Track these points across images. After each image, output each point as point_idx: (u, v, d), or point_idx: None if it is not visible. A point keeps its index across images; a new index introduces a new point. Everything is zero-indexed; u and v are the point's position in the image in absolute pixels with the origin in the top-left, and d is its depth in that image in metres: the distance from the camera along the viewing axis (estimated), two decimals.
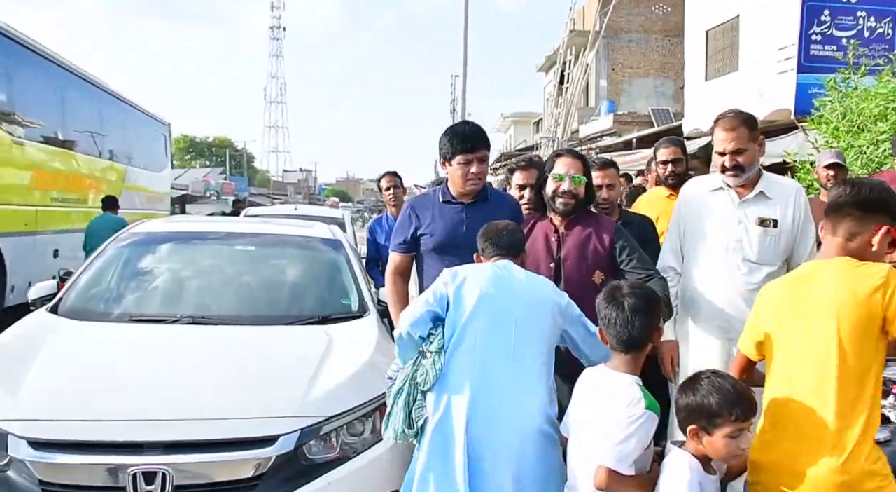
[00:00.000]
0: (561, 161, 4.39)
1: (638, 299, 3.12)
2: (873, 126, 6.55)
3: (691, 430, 2.84)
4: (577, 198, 4.31)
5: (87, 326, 4.76)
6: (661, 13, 33.10)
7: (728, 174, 4.20)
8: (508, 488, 3.29)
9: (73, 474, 3.45)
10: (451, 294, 3.54)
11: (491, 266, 3.72)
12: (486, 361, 3.42)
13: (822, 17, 11.40)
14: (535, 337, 3.50)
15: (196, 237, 6.07)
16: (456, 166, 4.48)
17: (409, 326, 3.52)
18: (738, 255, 4.16)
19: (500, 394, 3.37)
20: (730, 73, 18.99)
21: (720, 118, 4.23)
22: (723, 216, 4.25)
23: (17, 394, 3.75)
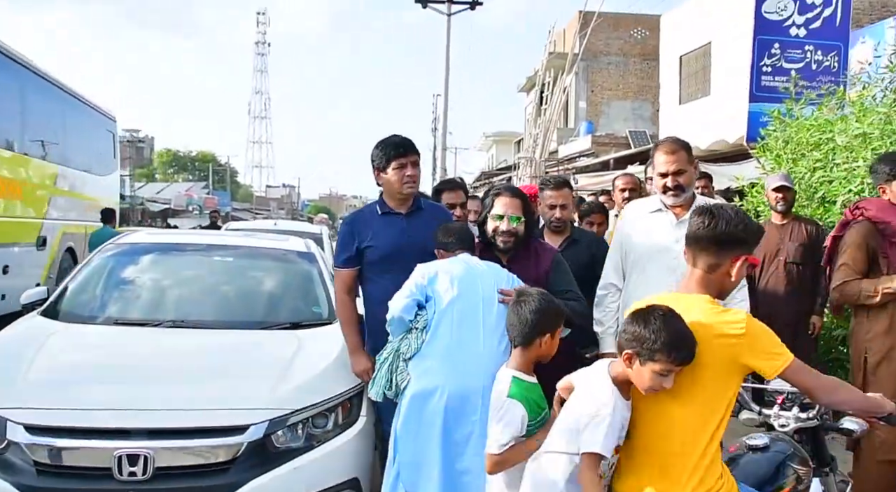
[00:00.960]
0: (500, 201, 4.59)
1: (534, 305, 3.55)
2: (810, 154, 7.04)
3: (627, 353, 2.88)
4: (517, 236, 4.53)
5: (76, 328, 5.18)
6: (639, 37, 33.49)
7: (669, 194, 4.49)
8: (476, 446, 3.77)
9: (65, 456, 3.87)
10: (429, 284, 4.06)
11: (457, 257, 4.27)
12: (461, 336, 3.94)
13: (773, 50, 11.98)
14: (501, 313, 3.93)
15: (178, 248, 6.53)
16: (392, 172, 4.68)
17: (399, 312, 4.03)
18: (677, 272, 4.11)
19: (473, 363, 3.88)
20: (702, 97, 19.42)
21: (661, 143, 4.58)
22: (662, 236, 4.50)
23: (15, 385, 4.19)
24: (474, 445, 3.80)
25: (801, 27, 12.00)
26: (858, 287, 4.84)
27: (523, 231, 4.56)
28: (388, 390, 4.06)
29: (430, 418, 3.88)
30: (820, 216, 6.86)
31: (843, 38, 12.15)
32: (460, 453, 3.86)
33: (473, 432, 3.83)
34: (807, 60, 11.91)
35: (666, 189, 4.49)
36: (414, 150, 4.80)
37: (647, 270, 4.55)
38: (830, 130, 6.83)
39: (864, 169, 6.09)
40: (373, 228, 4.77)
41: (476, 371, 3.85)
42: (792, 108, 7.83)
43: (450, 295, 4.02)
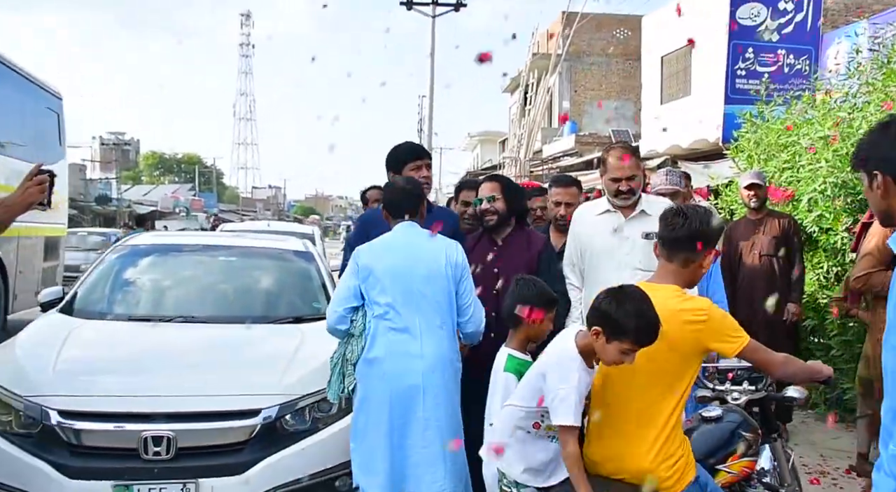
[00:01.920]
0: (481, 187, 5.21)
1: (527, 290, 3.95)
2: (778, 155, 7.45)
3: (595, 329, 3.15)
4: (498, 213, 5.03)
5: (95, 323, 5.59)
6: (622, 38, 33.60)
7: (621, 197, 4.81)
8: (426, 440, 4.15)
9: (95, 437, 4.33)
10: (361, 281, 4.33)
11: (392, 235, 4.49)
12: (398, 338, 4.21)
13: (747, 54, 12.45)
14: (439, 294, 4.26)
15: (185, 249, 6.93)
16: (409, 172, 5.05)
17: (333, 325, 4.38)
18: (629, 266, 4.66)
19: (411, 363, 4.17)
20: (683, 97, 19.73)
21: (613, 149, 4.92)
22: (611, 236, 4.83)
23: (47, 375, 4.62)
24: (423, 438, 4.15)
25: (773, 32, 12.47)
26: (882, 278, 5.12)
27: (503, 208, 5.01)
28: (341, 392, 4.39)
29: (376, 418, 4.20)
30: (789, 213, 7.21)
31: (813, 42, 12.64)
32: (410, 448, 4.17)
33: (420, 426, 4.16)
34: (779, 64, 12.40)
35: (619, 192, 4.80)
36: (427, 154, 5.31)
37: (599, 269, 4.81)
38: (796, 133, 7.23)
39: (826, 169, 6.50)
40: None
41: (415, 370, 4.16)
42: (763, 110, 8.24)
43: (382, 298, 4.26)
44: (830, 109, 6.98)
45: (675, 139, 18.99)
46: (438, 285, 4.27)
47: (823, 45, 15.55)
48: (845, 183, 6.42)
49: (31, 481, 4.22)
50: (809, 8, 12.50)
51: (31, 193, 3.57)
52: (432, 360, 4.19)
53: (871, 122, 6.39)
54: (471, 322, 4.36)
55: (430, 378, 4.17)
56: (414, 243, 4.39)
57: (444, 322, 4.28)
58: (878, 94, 6.63)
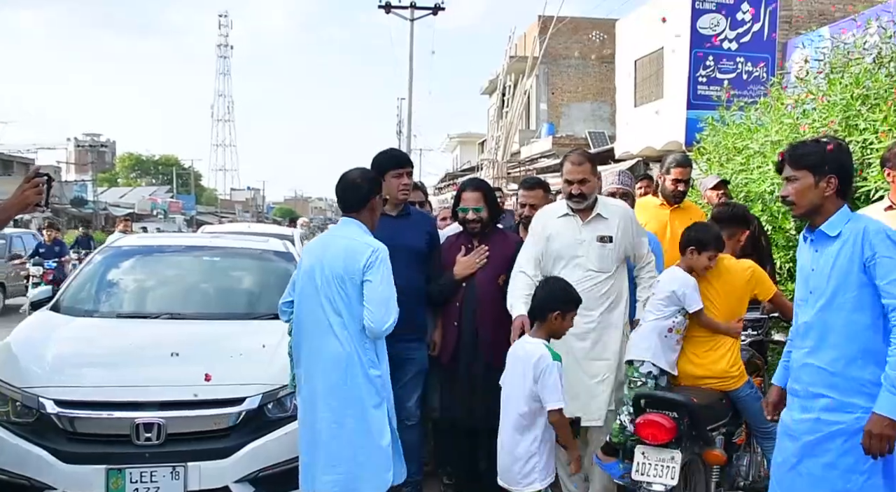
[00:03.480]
0: (464, 197, 5.61)
1: (548, 288, 4.54)
2: (734, 158, 7.83)
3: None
4: (482, 221, 5.56)
5: (85, 320, 5.92)
6: (598, 41, 33.76)
7: (573, 200, 5.07)
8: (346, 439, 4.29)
9: (90, 425, 4.68)
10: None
11: (321, 236, 4.93)
12: (307, 340, 4.42)
13: (707, 62, 12.90)
14: (336, 293, 4.31)
15: (171, 250, 7.26)
16: (391, 179, 5.35)
17: (281, 317, 4.79)
18: (582, 267, 5.01)
19: (317, 367, 4.35)
20: (656, 100, 19.90)
21: (570, 154, 5.20)
22: (570, 237, 5.08)
23: (42, 368, 4.99)
24: (329, 435, 4.29)
25: (732, 41, 12.94)
26: None
27: (486, 216, 5.58)
28: (291, 380, 4.68)
29: (302, 417, 4.48)
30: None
31: (770, 51, 13.14)
32: (331, 451, 4.30)
33: (325, 425, 4.29)
34: (738, 71, 12.87)
35: (570, 195, 5.07)
36: (409, 163, 5.64)
37: (555, 268, 5.06)
38: (749, 137, 7.62)
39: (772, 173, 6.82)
40: None
41: (314, 369, 4.36)
42: (724, 115, 8.64)
43: (291, 296, 4.61)
44: (781, 116, 7.33)
45: (648, 141, 19.33)
46: (337, 284, 4.29)
47: (788, 51, 16.00)
48: None
49: (31, 466, 4.56)
50: (766, 18, 13.00)
51: (27, 195, 3.73)
52: (328, 359, 4.29)
53: (815, 128, 6.77)
54: (372, 321, 4.24)
55: (329, 377, 4.29)
56: (331, 242, 4.52)
57: (344, 321, 4.29)
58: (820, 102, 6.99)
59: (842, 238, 3.52)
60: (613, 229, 5.09)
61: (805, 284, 3.68)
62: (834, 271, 3.51)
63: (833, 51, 7.72)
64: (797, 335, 3.73)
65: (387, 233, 5.12)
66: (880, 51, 7.17)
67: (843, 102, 6.75)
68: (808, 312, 3.62)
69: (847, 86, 6.83)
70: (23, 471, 4.57)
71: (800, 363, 3.65)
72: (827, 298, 3.53)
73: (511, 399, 4.36)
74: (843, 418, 3.44)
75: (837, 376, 3.48)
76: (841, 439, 3.45)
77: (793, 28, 16.54)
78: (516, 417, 4.28)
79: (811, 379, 3.57)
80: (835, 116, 6.72)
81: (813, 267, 3.63)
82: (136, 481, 4.56)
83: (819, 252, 3.61)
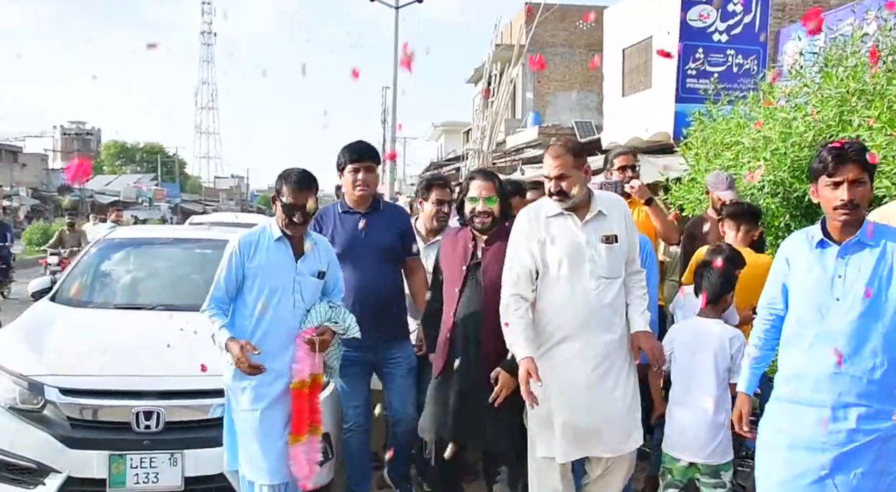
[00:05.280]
0: (474, 184, 4.73)
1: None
2: (723, 154, 7.87)
3: (731, 294, 4.87)
4: (493, 216, 4.68)
5: (83, 311, 6.05)
6: (585, 28, 33.52)
7: (554, 198, 4.36)
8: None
9: (93, 412, 4.82)
10: None
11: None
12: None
13: (697, 55, 12.94)
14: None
15: (163, 242, 7.35)
16: (347, 174, 5.27)
17: None
18: (592, 274, 4.29)
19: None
20: (644, 90, 19.82)
21: (550, 146, 4.46)
22: (569, 240, 4.33)
23: (45, 357, 5.12)
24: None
25: (723, 33, 12.97)
26: None
27: (498, 210, 4.72)
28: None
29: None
30: None
31: (761, 43, 13.18)
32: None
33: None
34: (728, 64, 12.92)
35: (550, 193, 4.38)
36: (369, 156, 5.34)
37: (561, 279, 4.33)
38: (739, 133, 7.67)
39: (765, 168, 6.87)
40: (333, 224, 5.40)
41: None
42: (712, 109, 8.69)
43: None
44: (774, 110, 7.35)
45: (636, 131, 19.31)
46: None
47: (781, 41, 15.99)
48: (783, 181, 6.84)
49: (38, 450, 4.72)
50: (758, 10, 13.03)
51: None
52: None
53: (808, 122, 6.84)
54: None
55: None
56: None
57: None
58: (814, 97, 7.05)
59: (880, 246, 3.50)
60: (617, 227, 4.43)
61: (826, 292, 3.54)
62: (874, 278, 3.46)
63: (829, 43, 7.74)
64: (796, 343, 3.65)
65: (351, 229, 5.32)
66: (878, 44, 7.22)
67: (838, 96, 6.78)
68: (835, 321, 3.50)
69: (842, 80, 6.85)
70: (31, 455, 4.73)
71: (824, 373, 3.50)
72: (866, 306, 3.45)
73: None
74: (881, 425, 3.43)
75: (875, 383, 3.43)
76: (876, 446, 3.45)
77: (786, 16, 16.55)
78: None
79: (845, 389, 3.47)
80: (829, 111, 6.77)
81: (839, 274, 3.52)
82: (137, 466, 4.70)
83: (846, 259, 3.53)
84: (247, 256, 4.57)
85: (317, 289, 4.72)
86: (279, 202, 4.59)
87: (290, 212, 4.54)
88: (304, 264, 4.65)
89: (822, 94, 6.97)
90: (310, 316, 4.63)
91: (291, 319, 4.58)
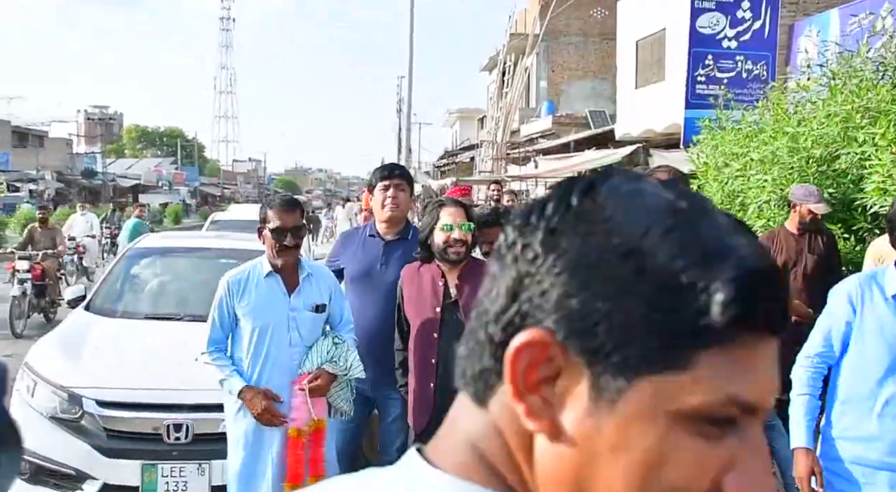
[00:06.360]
0: (446, 212, 4.35)
1: None
2: (732, 164, 8.02)
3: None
4: (467, 245, 4.32)
5: (115, 322, 6.39)
6: (599, 17, 33.20)
7: None
8: None
9: (126, 423, 5.13)
10: None
11: None
12: None
13: (707, 61, 13.00)
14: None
15: (191, 251, 7.67)
16: (377, 193, 5.00)
17: None
18: None
19: None
20: (657, 82, 19.74)
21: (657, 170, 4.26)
22: None
23: (83, 369, 5.46)
24: None
25: (732, 40, 13.01)
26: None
27: (470, 241, 4.40)
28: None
29: None
30: (739, 217, 7.71)
31: (771, 49, 13.24)
32: None
33: None
34: (738, 70, 12.97)
35: None
36: (401, 174, 5.11)
37: None
38: (747, 145, 7.83)
39: (770, 183, 7.06)
40: (354, 247, 5.16)
41: None
42: (721, 116, 8.85)
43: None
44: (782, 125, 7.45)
45: (649, 123, 19.33)
46: None
47: (795, 34, 15.97)
48: None
49: (77, 458, 5.04)
50: (767, 16, 13.10)
51: None
52: None
53: (815, 137, 6.99)
54: None
55: None
56: None
57: None
58: (822, 112, 7.19)
59: None
60: None
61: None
62: None
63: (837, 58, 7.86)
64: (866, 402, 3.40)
65: (371, 256, 4.99)
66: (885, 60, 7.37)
67: (844, 112, 6.88)
68: None
69: (847, 96, 6.97)
70: (70, 462, 5.03)
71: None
72: None
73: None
74: None
75: None
76: None
77: (800, 10, 16.51)
78: None
79: None
80: (834, 127, 6.90)
81: None
82: (167, 475, 5.00)
83: None
84: (236, 297, 4.42)
85: (316, 324, 4.51)
86: (266, 231, 4.39)
87: (280, 236, 4.33)
88: (299, 298, 4.46)
89: (829, 110, 7.12)
90: (310, 356, 4.43)
91: (289, 359, 4.41)
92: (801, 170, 7.01)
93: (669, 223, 0.75)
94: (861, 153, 6.49)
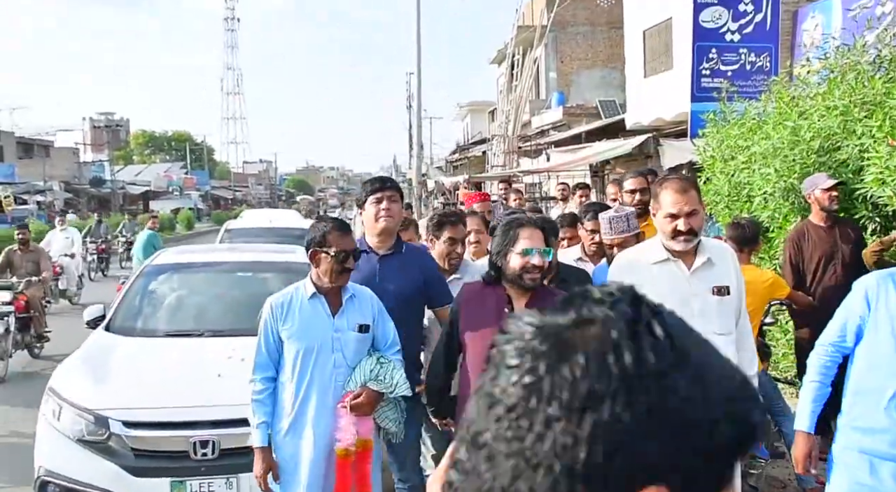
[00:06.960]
0: (525, 233, 4.04)
1: None
2: (736, 156, 8.17)
3: None
4: (543, 271, 4.11)
5: (136, 341, 6.47)
6: (606, 6, 33.17)
7: (680, 239, 3.95)
8: None
9: (154, 443, 5.25)
10: None
11: None
12: None
13: (711, 55, 13.11)
14: None
15: (207, 266, 7.71)
16: (369, 206, 4.92)
17: None
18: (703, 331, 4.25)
19: None
20: (665, 71, 19.92)
21: (669, 180, 4.11)
22: (676, 290, 3.90)
23: (108, 390, 5.55)
24: None
25: (735, 33, 13.11)
26: None
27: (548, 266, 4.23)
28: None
29: None
30: (746, 209, 7.90)
31: (773, 41, 13.31)
32: None
33: None
34: (741, 62, 13.07)
35: (677, 233, 3.95)
36: (392, 186, 5.07)
37: None
38: (751, 138, 7.96)
39: (774, 176, 7.19)
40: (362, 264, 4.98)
41: None
42: (725, 109, 8.98)
43: None
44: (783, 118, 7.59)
45: (659, 112, 19.40)
46: None
47: (799, 20, 16.07)
48: (793, 186, 7.14)
49: (106, 479, 5.15)
50: (768, 8, 13.19)
51: None
52: None
53: (815, 129, 7.12)
54: None
55: None
56: None
57: None
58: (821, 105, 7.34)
59: None
60: (728, 277, 4.09)
61: None
62: None
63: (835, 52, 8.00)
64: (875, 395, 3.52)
65: (365, 272, 4.90)
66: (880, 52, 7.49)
67: (842, 106, 7.03)
68: None
69: (845, 90, 7.12)
70: (99, 484, 5.15)
71: None
72: None
73: None
74: None
75: None
76: None
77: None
78: None
79: None
80: (833, 120, 7.04)
81: None
82: (196, 490, 5.14)
83: None
84: (280, 320, 4.45)
85: (360, 344, 4.49)
86: (323, 255, 4.36)
87: (343, 259, 4.34)
88: (343, 319, 4.45)
89: (828, 103, 7.26)
90: (354, 375, 4.42)
91: (333, 381, 4.40)
92: (802, 162, 7.13)
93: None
94: (860, 145, 6.63)
